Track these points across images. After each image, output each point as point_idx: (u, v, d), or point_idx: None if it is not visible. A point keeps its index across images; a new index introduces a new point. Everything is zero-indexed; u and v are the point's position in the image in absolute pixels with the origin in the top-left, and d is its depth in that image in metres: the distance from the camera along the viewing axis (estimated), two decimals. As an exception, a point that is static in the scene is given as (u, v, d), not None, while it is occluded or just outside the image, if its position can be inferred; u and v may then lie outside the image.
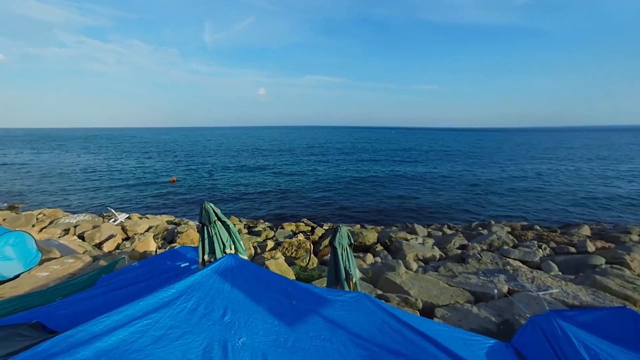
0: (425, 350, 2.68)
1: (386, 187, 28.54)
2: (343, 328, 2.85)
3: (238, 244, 5.00)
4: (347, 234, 4.90)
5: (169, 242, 12.06)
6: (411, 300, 5.65)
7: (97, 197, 25.08)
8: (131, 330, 2.30)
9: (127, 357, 2.07)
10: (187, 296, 2.78)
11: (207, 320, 2.58)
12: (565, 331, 2.96)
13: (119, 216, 14.76)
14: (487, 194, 25.97)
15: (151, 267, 5.14)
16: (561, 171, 37.43)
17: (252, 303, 2.96)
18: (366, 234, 13.26)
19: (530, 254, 10.72)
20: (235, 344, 2.39)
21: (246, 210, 21.54)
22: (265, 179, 32.47)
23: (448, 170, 38.45)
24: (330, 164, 43.83)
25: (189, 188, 28.40)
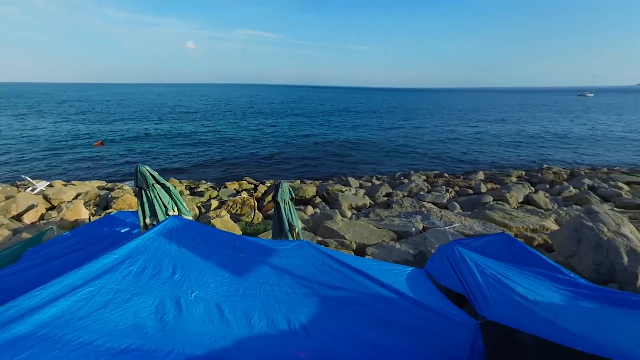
0: (359, 282, 2.99)
1: (322, 145, 29.02)
2: (288, 273, 3.01)
3: (181, 205, 4.74)
4: (288, 189, 4.97)
5: (104, 209, 10.89)
6: (346, 243, 6.13)
7: (7, 165, 20.99)
8: (73, 299, 2.13)
9: (73, 325, 1.93)
10: (131, 260, 2.62)
11: (156, 280, 2.49)
12: (462, 255, 3.54)
13: (37, 184, 12.67)
14: (408, 148, 28.17)
15: (86, 235, 4.65)
16: (470, 127, 41.90)
17: (201, 260, 2.92)
18: (306, 189, 13.60)
19: (440, 197, 12.22)
20: (188, 298, 2.38)
21: (186, 172, 20.21)
22: (204, 140, 30.32)
23: (377, 128, 40.28)
24: (269, 124, 42.37)
25: (119, 151, 25.28)
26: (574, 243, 5.21)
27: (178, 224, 3.25)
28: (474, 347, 2.33)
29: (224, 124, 41.59)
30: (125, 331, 1.99)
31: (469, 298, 2.92)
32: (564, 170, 17.82)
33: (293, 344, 2.23)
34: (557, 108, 70.77)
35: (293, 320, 2.42)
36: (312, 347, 2.23)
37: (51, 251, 4.13)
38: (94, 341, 1.88)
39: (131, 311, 2.16)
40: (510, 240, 4.33)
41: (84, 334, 1.90)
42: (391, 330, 2.54)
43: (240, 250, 3.21)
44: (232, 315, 2.33)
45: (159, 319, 2.15)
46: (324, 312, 2.56)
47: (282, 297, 2.64)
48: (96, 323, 2.01)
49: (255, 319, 2.35)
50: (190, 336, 2.07)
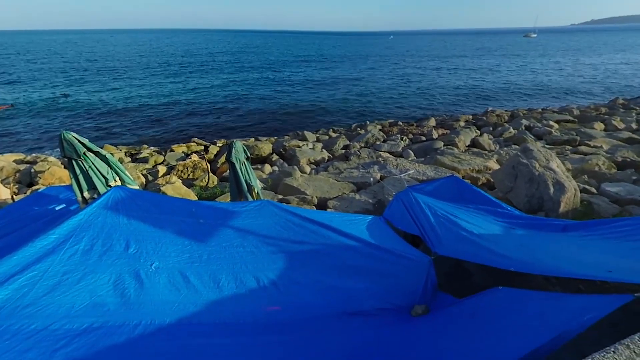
0: (323, 235, 3.16)
1: (274, 99, 27.89)
2: (252, 233, 3.06)
3: (123, 174, 4.40)
4: (242, 149, 4.82)
5: (28, 186, 9.71)
6: (308, 199, 6.30)
7: None
8: (13, 287, 1.98)
9: (19, 314, 1.83)
10: (75, 238, 2.46)
11: (109, 256, 2.39)
12: (417, 199, 3.86)
13: None
14: (363, 98, 28.28)
15: (13, 217, 4.17)
16: (422, 74, 42.73)
17: (157, 230, 2.82)
18: (261, 146, 13.29)
19: (395, 146, 12.78)
20: (148, 270, 2.34)
21: (122, 137, 18.42)
22: (137, 99, 27.29)
23: (330, 77, 39.31)
24: (212, 78, 38.96)
25: (32, 116, 21.96)
26: (511, 179, 5.91)
27: (124, 195, 3.05)
28: (428, 280, 2.67)
29: (158, 79, 37.48)
30: (83, 311, 1.94)
31: (424, 238, 3.26)
32: (505, 113, 19.45)
33: (265, 300, 2.36)
34: (506, 51, 74.50)
35: (262, 277, 2.53)
36: (284, 300, 2.39)
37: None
38: (49, 326, 1.82)
39: (86, 291, 2.08)
40: (458, 182, 4.78)
41: (34, 321, 1.82)
42: (357, 275, 2.78)
43: (199, 216, 3.15)
44: (199, 280, 2.36)
45: (120, 294, 2.11)
46: (291, 267, 2.71)
47: (248, 258, 2.72)
48: (47, 308, 1.92)
49: (224, 281, 2.41)
50: (158, 306, 2.09)
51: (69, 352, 1.68)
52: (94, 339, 1.78)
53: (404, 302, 2.54)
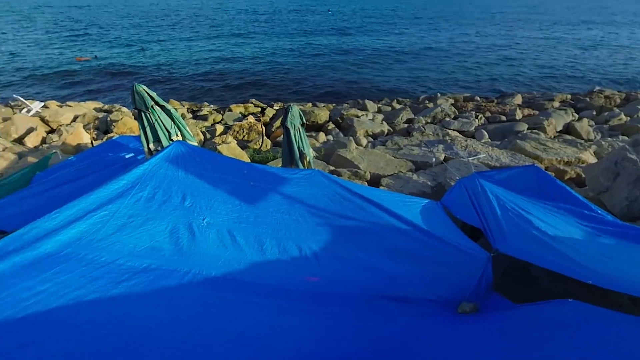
0: (372, 212, 3.16)
1: (336, 63, 27.29)
2: (299, 202, 3.18)
3: (184, 130, 4.81)
4: (298, 114, 4.90)
5: (105, 133, 11.16)
6: (360, 173, 6.27)
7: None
8: (90, 222, 2.35)
9: (92, 247, 2.19)
10: (140, 186, 2.80)
11: (167, 206, 2.70)
12: (484, 187, 3.60)
13: (31, 105, 12.85)
14: (437, 66, 26.27)
15: (92, 161, 4.89)
16: (511, 38, 37.98)
17: (210, 187, 3.08)
18: (318, 113, 13.34)
19: (467, 124, 11.85)
20: (200, 224, 2.60)
21: (187, 93, 19.88)
22: (204, 55, 28.86)
23: (396, 41, 36.93)
24: (273, 38, 39.17)
25: (110, 68, 24.63)
26: (609, 177, 5.16)
27: (184, 150, 3.35)
28: (483, 278, 2.54)
29: (225, 34, 38.85)
30: (144, 252, 2.25)
31: (485, 231, 3.07)
32: (619, 94, 16.55)
33: (304, 269, 2.48)
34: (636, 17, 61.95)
35: (304, 247, 2.65)
36: (323, 273, 2.49)
37: (60, 176, 4.42)
38: (116, 260, 2.15)
39: (147, 235, 2.40)
40: (539, 173, 4.32)
41: (104, 254, 2.17)
42: (402, 259, 2.76)
43: (250, 178, 3.35)
44: (244, 240, 2.57)
45: (174, 242, 2.40)
46: (335, 241, 2.78)
47: (293, 225, 2.85)
48: (115, 245, 2.26)
49: (267, 245, 2.59)
50: (206, 259, 2.34)
51: (129, 286, 1.99)
52: (150, 278, 2.08)
53: (451, 296, 2.48)
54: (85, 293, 1.87)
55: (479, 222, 3.24)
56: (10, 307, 1.70)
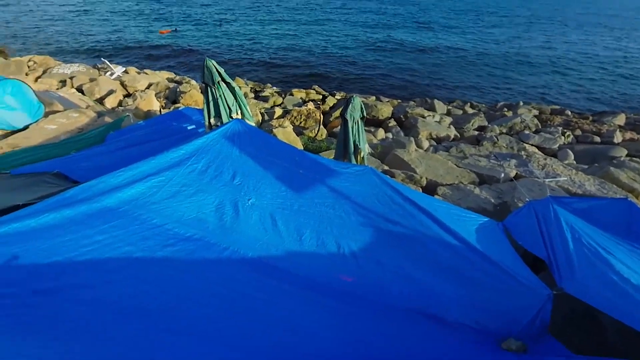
0: (421, 221, 3.05)
1: (410, 55, 26.40)
2: (346, 198, 3.18)
3: (245, 109, 5.06)
4: (360, 106, 4.86)
5: (172, 102, 12.15)
6: (416, 178, 6.06)
7: (85, 44, 23.94)
8: (147, 185, 2.61)
9: (147, 208, 2.42)
10: (196, 158, 3.02)
11: (218, 181, 2.88)
12: (557, 215, 3.27)
13: (115, 69, 14.42)
14: (525, 71, 24.13)
15: (157, 128, 5.38)
16: (623, 47, 33.42)
17: (261, 169, 3.22)
18: (381, 108, 13.10)
19: (550, 141, 10.76)
20: (245, 204, 2.74)
21: (253, 72, 20.76)
22: (275, 37, 29.83)
23: (479, 40, 34.40)
24: (348, 24, 38.90)
25: (188, 41, 26.61)
26: None
27: (241, 129, 3.53)
28: (539, 317, 2.33)
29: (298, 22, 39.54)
30: (190, 222, 2.44)
31: (550, 265, 2.80)
32: None
33: (340, 267, 2.50)
34: None
35: (343, 245, 2.66)
36: (359, 275, 2.48)
37: (129, 138, 4.94)
38: (165, 225, 2.36)
39: (195, 205, 2.60)
40: (632, 209, 3.81)
41: (156, 216, 2.39)
42: (447, 276, 2.64)
43: (300, 166, 3.43)
44: (285, 227, 2.65)
45: (219, 217, 2.56)
46: (377, 244, 2.74)
47: (336, 221, 2.87)
48: (166, 210, 2.48)
49: (306, 236, 2.64)
50: (245, 239, 2.46)
51: (173, 251, 2.18)
52: (192, 247, 2.25)
53: (496, 329, 2.31)
54: (134, 250, 2.08)
55: (544, 253, 2.96)
56: (71, 250, 1.96)
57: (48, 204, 2.17)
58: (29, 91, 6.61)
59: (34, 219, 2.01)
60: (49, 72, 13.04)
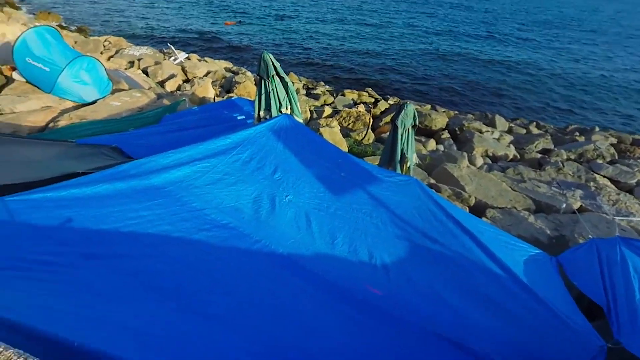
0: (463, 243, 2.91)
1: (474, 67, 25.24)
2: (386, 207, 3.12)
3: (294, 105, 5.16)
4: (413, 114, 4.75)
5: (227, 92, 12.75)
6: (464, 196, 5.80)
7: (156, 30, 25.88)
8: (193, 169, 2.76)
9: (190, 191, 2.56)
10: (241, 148, 3.14)
11: (259, 174, 2.97)
12: (625, 259, 2.95)
13: (179, 55, 15.43)
14: (604, 95, 22.06)
15: (210, 114, 5.67)
16: None
17: (302, 166, 3.27)
18: (435, 117, 12.70)
19: (627, 174, 9.73)
20: (282, 200, 2.80)
21: (308, 69, 21.13)
22: (335, 36, 30.08)
23: (556, 55, 31.86)
24: (412, 28, 37.97)
25: (249, 33, 27.76)
26: None
27: (288, 124, 3.62)
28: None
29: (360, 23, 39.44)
30: (227, 210, 2.55)
31: (608, 313, 2.53)
32: None
33: (369, 278, 2.46)
34: None
35: (376, 255, 2.62)
36: (388, 289, 2.43)
37: (182, 121, 5.27)
38: (203, 209, 2.49)
39: (234, 195, 2.70)
40: None
41: (196, 200, 2.52)
42: (484, 306, 2.50)
43: (342, 168, 3.44)
44: (318, 229, 2.67)
45: (255, 209, 2.65)
46: (411, 259, 2.67)
47: (371, 229, 2.83)
48: (206, 195, 2.61)
49: (339, 240, 2.64)
50: (278, 234, 2.52)
51: (208, 236, 2.29)
52: (226, 235, 2.35)
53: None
54: (172, 230, 2.22)
55: (602, 299, 2.69)
56: (118, 220, 2.13)
57: (103, 175, 2.38)
58: (101, 69, 7.28)
59: (90, 188, 2.21)
60: (120, 52, 14.29)
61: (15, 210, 1.90)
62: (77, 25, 23.61)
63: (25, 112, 5.96)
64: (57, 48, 6.93)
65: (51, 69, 6.56)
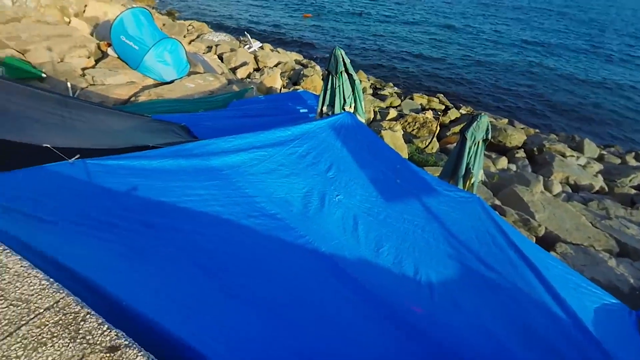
0: (522, 275, 2.68)
1: (567, 82, 22.92)
2: (440, 222, 2.99)
3: (359, 104, 5.15)
4: (486, 127, 4.49)
5: (294, 84, 13.11)
6: (532, 224, 5.34)
7: (235, 18, 27.43)
8: (251, 156, 2.89)
9: (245, 178, 2.69)
10: (300, 141, 3.22)
11: (313, 169, 3.02)
12: None
13: (253, 44, 16.20)
14: None
15: (274, 104, 5.89)
16: None
17: (357, 167, 3.26)
18: (511, 133, 11.83)
19: None
20: (332, 199, 2.82)
21: (378, 68, 20.89)
22: (413, 38, 29.29)
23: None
24: (504, 38, 34.91)
25: (325, 28, 28.19)
26: None
27: (349, 122, 3.63)
28: None
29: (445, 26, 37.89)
30: (277, 201, 2.63)
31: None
32: None
33: (411, 294, 2.38)
34: None
35: (422, 272, 2.52)
36: (430, 310, 2.33)
37: (248, 109, 5.54)
38: (255, 197, 2.59)
39: (286, 187, 2.78)
40: None
41: (250, 187, 2.64)
42: (539, 351, 2.29)
43: (399, 175, 3.36)
44: (364, 234, 2.64)
45: (304, 204, 2.70)
46: (460, 283, 2.53)
47: (421, 244, 2.73)
48: (260, 183, 2.72)
49: (384, 249, 2.59)
50: (323, 233, 2.54)
51: (255, 223, 2.38)
52: (272, 225, 2.43)
53: None
54: (223, 212, 2.35)
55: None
56: (177, 195, 2.30)
57: (170, 151, 2.60)
58: (182, 51, 7.92)
59: (157, 161, 2.43)
60: (200, 37, 15.39)
61: (93, 173, 2.15)
62: (168, 9, 25.87)
63: (113, 85, 6.70)
64: (148, 29, 7.68)
65: (140, 48, 7.29)
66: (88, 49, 7.59)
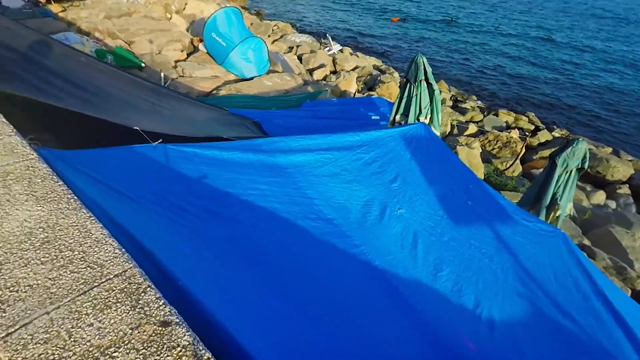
0: (611, 334, 2.35)
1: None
2: (513, 255, 2.75)
3: (435, 115, 4.97)
4: (583, 155, 4.04)
5: (369, 89, 13.10)
6: (629, 274, 4.65)
7: (320, 20, 28.26)
8: (316, 157, 2.95)
9: (307, 179, 2.75)
10: (367, 148, 3.20)
11: (377, 179, 2.98)
12: None
13: (333, 46, 16.54)
14: None
15: (346, 108, 5.95)
16: None
17: (425, 182, 3.14)
18: (615, 165, 10.43)
19: None
20: (393, 211, 2.75)
21: (462, 79, 19.94)
22: (505, 50, 27.45)
23: None
24: (616, 55, 30.89)
25: (409, 35, 27.76)
26: None
27: (423, 134, 3.51)
28: None
29: (544, 39, 34.88)
30: (336, 206, 2.64)
31: None
32: None
33: (467, 329, 2.21)
34: None
35: (484, 306, 2.33)
36: (487, 350, 2.14)
37: (319, 110, 5.67)
38: (314, 199, 2.64)
39: (346, 193, 2.78)
40: None
41: (310, 189, 2.69)
42: None
43: (471, 196, 3.17)
44: (423, 254, 2.52)
45: (363, 214, 2.67)
46: (527, 328, 2.29)
47: (487, 275, 2.53)
48: (321, 186, 2.75)
49: (443, 274, 2.44)
50: (379, 246, 2.49)
51: (310, 225, 2.42)
52: (328, 229, 2.44)
53: None
54: (281, 209, 2.42)
55: None
56: (241, 187, 2.44)
57: (240, 144, 2.77)
58: (264, 50, 8.40)
59: (227, 152, 2.60)
60: (283, 37, 16.15)
61: (171, 157, 2.38)
62: (257, 9, 27.64)
63: (199, 78, 7.35)
64: (237, 27, 8.30)
65: (227, 45, 7.91)
66: (182, 43, 8.43)
